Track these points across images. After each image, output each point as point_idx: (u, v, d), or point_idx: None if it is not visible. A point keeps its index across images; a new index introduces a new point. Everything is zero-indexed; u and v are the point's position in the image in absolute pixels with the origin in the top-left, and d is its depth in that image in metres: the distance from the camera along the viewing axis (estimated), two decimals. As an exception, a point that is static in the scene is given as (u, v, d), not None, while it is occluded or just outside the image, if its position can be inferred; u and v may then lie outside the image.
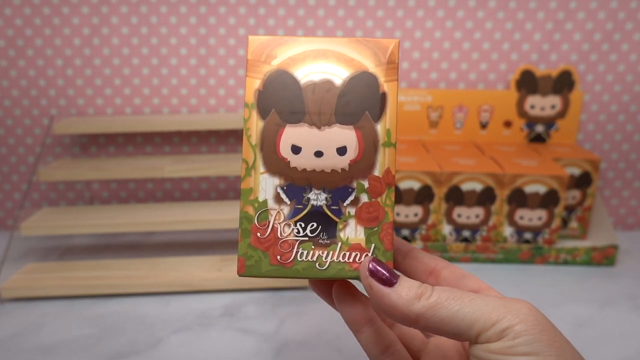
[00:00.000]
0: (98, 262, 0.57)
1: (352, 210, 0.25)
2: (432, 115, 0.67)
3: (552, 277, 0.57)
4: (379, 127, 0.25)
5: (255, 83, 0.25)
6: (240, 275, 0.25)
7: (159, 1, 0.63)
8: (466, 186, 0.58)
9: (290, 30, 0.65)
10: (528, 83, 0.65)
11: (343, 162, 0.25)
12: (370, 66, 0.25)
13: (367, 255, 0.25)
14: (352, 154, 0.25)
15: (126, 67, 0.66)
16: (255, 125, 0.25)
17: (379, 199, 0.25)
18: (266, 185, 0.25)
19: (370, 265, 0.24)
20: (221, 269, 0.55)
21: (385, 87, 0.25)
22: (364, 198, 0.25)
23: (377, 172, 0.25)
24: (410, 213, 0.59)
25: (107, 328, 0.47)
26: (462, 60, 0.67)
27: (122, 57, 0.65)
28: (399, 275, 0.24)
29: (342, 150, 0.25)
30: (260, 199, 0.25)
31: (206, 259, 0.57)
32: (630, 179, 0.71)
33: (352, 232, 0.25)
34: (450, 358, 0.28)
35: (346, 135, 0.25)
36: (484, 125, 0.68)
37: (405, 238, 0.60)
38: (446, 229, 0.60)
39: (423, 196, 0.58)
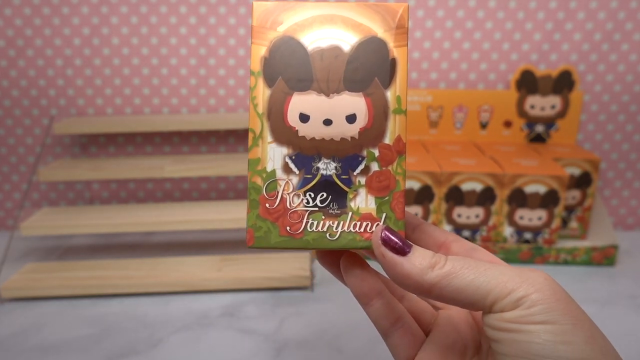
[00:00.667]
0: (98, 262, 0.57)
1: (363, 180, 0.25)
2: (432, 115, 0.67)
3: (552, 277, 0.57)
4: (389, 94, 0.24)
5: (261, 50, 0.25)
6: (249, 247, 0.25)
7: (159, 1, 0.63)
8: (466, 186, 0.58)
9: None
10: (528, 83, 0.65)
11: (352, 130, 0.24)
12: (379, 31, 0.25)
13: (378, 224, 0.25)
14: (361, 121, 0.24)
15: (126, 67, 0.66)
16: (262, 94, 0.25)
17: (389, 168, 0.25)
18: (274, 155, 0.25)
19: (383, 234, 0.24)
20: (221, 269, 0.55)
21: (395, 52, 0.25)
22: (375, 167, 0.25)
23: (387, 140, 0.24)
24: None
25: (107, 328, 0.47)
26: (462, 60, 0.67)
27: (122, 57, 0.65)
28: (411, 245, 0.24)
29: (351, 118, 0.24)
30: (269, 169, 0.24)
31: (206, 259, 0.57)
32: (630, 179, 0.71)
33: (363, 201, 0.25)
34: (461, 330, 0.28)
35: (355, 103, 0.24)
36: (484, 125, 0.68)
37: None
38: (446, 229, 0.60)
39: (423, 196, 0.58)
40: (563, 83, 0.65)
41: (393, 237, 0.24)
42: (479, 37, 0.66)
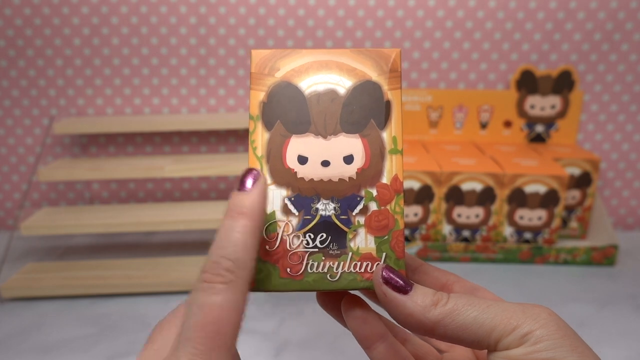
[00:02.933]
0: (98, 262, 0.57)
1: (362, 219, 0.25)
2: (432, 115, 0.67)
3: (552, 277, 0.57)
4: (385, 135, 0.25)
5: (259, 95, 0.25)
6: (250, 291, 0.24)
7: (159, 1, 0.63)
8: (466, 186, 0.58)
9: (290, 29, 0.65)
10: (528, 83, 0.65)
11: (350, 170, 0.25)
12: (373, 75, 0.25)
13: (379, 264, 0.25)
14: (359, 162, 0.25)
15: (126, 67, 0.66)
16: (261, 137, 0.25)
17: (388, 207, 0.25)
18: (273, 197, 0.25)
19: (384, 273, 0.23)
20: (221, 269, 0.55)
21: (389, 94, 0.25)
22: (373, 206, 0.25)
23: (385, 179, 0.25)
24: (410, 213, 0.59)
25: (107, 328, 0.47)
26: (462, 60, 0.67)
27: (122, 57, 0.65)
28: (412, 283, 0.24)
29: (349, 159, 0.25)
30: (268, 211, 0.25)
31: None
32: (630, 179, 0.71)
33: (363, 241, 0.25)
34: None
35: (352, 144, 0.25)
36: (484, 125, 0.68)
37: (405, 238, 0.60)
38: (446, 228, 0.60)
39: (423, 196, 0.58)
40: (563, 83, 0.65)
41: (394, 276, 0.23)
42: (479, 37, 0.66)
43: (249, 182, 0.22)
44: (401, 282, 0.23)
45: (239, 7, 0.64)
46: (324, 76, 0.25)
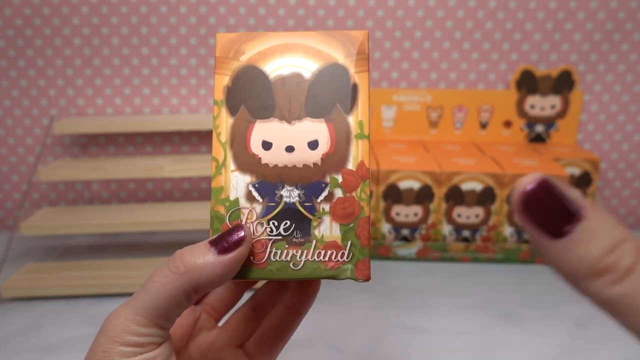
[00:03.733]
0: (98, 262, 0.57)
1: (327, 207, 0.24)
2: (432, 115, 0.67)
3: (552, 277, 0.57)
4: (351, 119, 0.24)
5: (224, 80, 0.25)
6: None
7: (159, 1, 0.63)
8: (466, 186, 0.58)
9: (290, 29, 0.65)
10: (528, 83, 0.65)
11: (315, 156, 0.24)
12: (340, 58, 0.25)
13: (344, 252, 0.23)
14: (324, 147, 0.24)
15: (126, 67, 0.66)
16: (225, 122, 0.25)
17: (353, 194, 0.24)
18: (237, 183, 0.24)
19: (534, 188, 0.15)
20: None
21: (356, 78, 0.25)
22: (338, 193, 0.24)
23: (350, 165, 0.24)
24: (410, 213, 0.59)
25: (107, 328, 0.47)
26: (462, 60, 0.67)
27: (122, 57, 0.65)
28: (578, 218, 0.14)
29: (313, 144, 0.24)
30: (232, 198, 0.24)
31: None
32: (630, 179, 0.71)
33: (327, 229, 0.24)
34: None
35: (317, 129, 0.24)
36: (484, 125, 0.68)
37: (404, 238, 0.60)
38: (446, 228, 0.60)
39: (423, 196, 0.58)
40: (563, 83, 0.65)
41: (546, 202, 0.14)
42: (479, 37, 0.66)
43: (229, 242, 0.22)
44: (556, 214, 0.14)
45: (239, 7, 0.64)
46: (290, 59, 0.25)
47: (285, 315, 0.28)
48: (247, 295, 0.30)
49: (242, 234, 0.22)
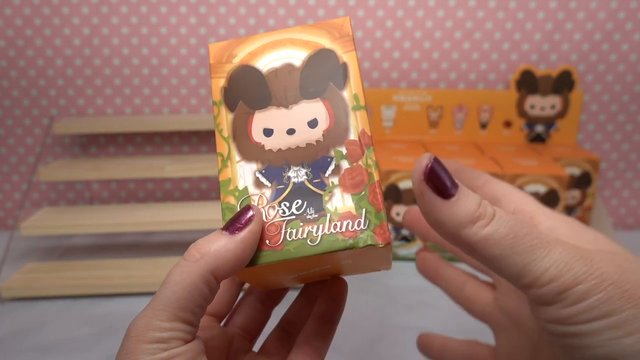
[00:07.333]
0: (98, 262, 0.57)
1: (335, 180, 0.24)
2: (432, 115, 0.67)
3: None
4: (346, 94, 0.25)
5: (220, 82, 0.26)
6: None
7: (159, 1, 0.63)
8: (466, 186, 0.58)
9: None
10: (528, 83, 0.65)
11: (316, 133, 0.25)
12: (327, 43, 0.26)
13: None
14: (323, 124, 0.25)
15: (126, 67, 0.66)
16: (225, 119, 0.25)
17: (360, 162, 0.24)
18: (244, 173, 0.25)
19: (432, 164, 0.20)
20: (221, 269, 0.55)
21: (344, 57, 0.25)
22: (345, 164, 0.24)
23: (352, 135, 0.24)
24: (410, 213, 0.59)
25: (107, 328, 0.47)
26: (462, 60, 0.67)
27: (122, 57, 0.65)
28: (459, 186, 0.20)
29: (313, 123, 0.25)
30: (240, 187, 0.24)
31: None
32: (630, 179, 0.71)
33: (340, 201, 0.24)
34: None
35: (314, 108, 0.25)
36: (484, 125, 0.68)
37: (405, 238, 0.60)
38: (446, 229, 0.60)
39: (423, 196, 0.58)
40: (563, 83, 0.65)
41: (440, 173, 0.20)
42: (479, 37, 0.66)
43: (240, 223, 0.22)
44: (447, 182, 0.20)
45: (239, 7, 0.64)
46: (279, 52, 0.26)
47: (318, 327, 0.28)
48: (276, 317, 0.30)
49: (250, 212, 0.22)
